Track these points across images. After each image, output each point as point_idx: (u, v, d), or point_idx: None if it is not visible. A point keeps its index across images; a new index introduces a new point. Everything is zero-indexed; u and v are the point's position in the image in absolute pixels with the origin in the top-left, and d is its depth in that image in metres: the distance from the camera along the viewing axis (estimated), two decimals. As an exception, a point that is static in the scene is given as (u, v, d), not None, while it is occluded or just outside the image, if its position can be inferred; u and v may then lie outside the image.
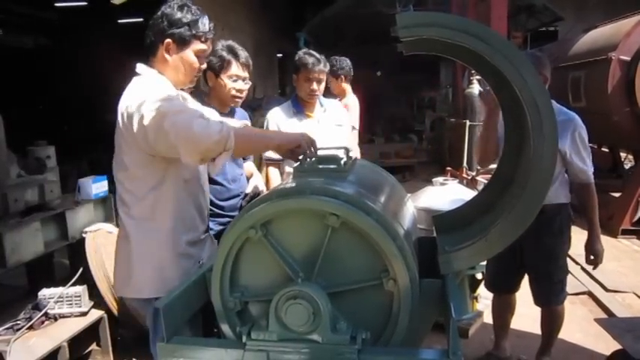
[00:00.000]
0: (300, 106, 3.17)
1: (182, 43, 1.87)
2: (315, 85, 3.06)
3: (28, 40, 16.50)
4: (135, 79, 1.91)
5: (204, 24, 1.90)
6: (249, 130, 1.98)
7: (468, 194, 3.44)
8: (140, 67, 1.93)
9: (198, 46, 1.90)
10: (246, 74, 2.61)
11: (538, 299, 2.90)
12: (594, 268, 2.87)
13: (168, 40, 1.86)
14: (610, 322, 2.65)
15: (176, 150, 1.73)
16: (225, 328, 1.62)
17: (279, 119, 3.14)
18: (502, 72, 1.54)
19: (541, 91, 1.51)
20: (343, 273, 1.54)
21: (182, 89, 2.01)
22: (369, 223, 1.46)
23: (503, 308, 3.12)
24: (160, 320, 1.50)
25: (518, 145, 1.94)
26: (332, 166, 1.78)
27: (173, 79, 1.91)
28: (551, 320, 2.90)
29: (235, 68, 2.55)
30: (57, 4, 13.84)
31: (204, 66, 2.04)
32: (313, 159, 1.87)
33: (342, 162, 1.79)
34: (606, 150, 8.27)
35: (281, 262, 1.54)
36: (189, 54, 1.89)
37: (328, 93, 3.78)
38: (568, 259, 2.95)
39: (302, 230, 1.55)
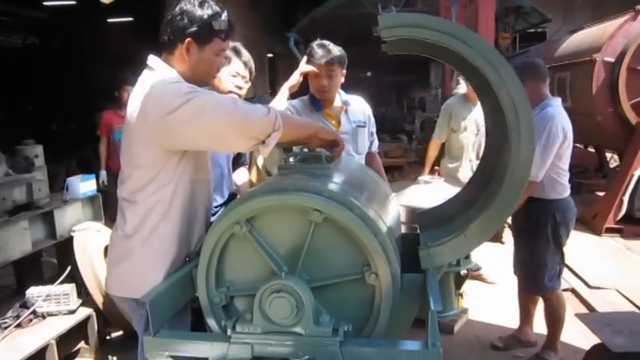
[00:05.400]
0: (318, 104, 2.85)
1: (203, 42, 1.78)
2: (324, 81, 2.73)
3: (16, 39, 16.40)
4: (147, 72, 1.81)
5: (225, 21, 1.81)
6: (289, 113, 1.87)
7: (452, 192, 3.49)
8: (153, 60, 1.83)
9: (218, 45, 1.82)
10: (247, 74, 2.53)
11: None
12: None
13: (189, 39, 1.76)
14: (590, 317, 2.71)
15: (219, 139, 1.67)
16: (211, 322, 1.65)
17: (299, 110, 2.82)
18: (481, 72, 1.58)
19: (519, 91, 1.56)
20: (326, 267, 1.57)
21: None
22: (351, 219, 1.50)
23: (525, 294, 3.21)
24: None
25: (499, 143, 1.99)
26: (316, 164, 1.82)
27: (190, 78, 1.80)
28: (548, 310, 2.98)
29: (237, 65, 2.48)
30: (46, 3, 13.76)
31: (223, 66, 1.96)
32: (298, 157, 1.91)
33: (326, 160, 1.82)
34: (592, 150, 8.39)
35: (265, 257, 1.57)
36: (209, 54, 1.81)
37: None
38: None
39: (286, 226, 1.58)
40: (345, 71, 2.81)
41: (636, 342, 2.23)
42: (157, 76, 1.77)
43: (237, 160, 2.84)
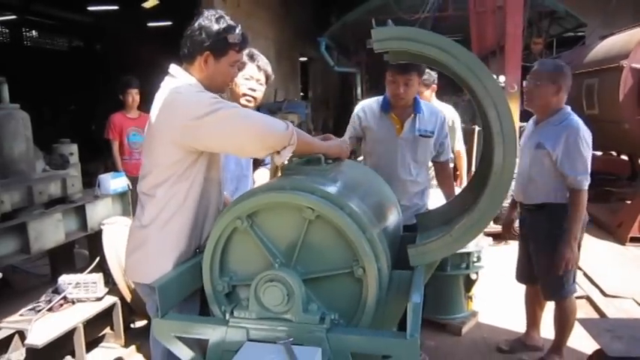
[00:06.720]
0: (388, 105, 2.95)
1: (219, 54, 1.96)
2: (401, 89, 2.81)
3: (62, 42, 17.22)
4: (168, 79, 1.99)
5: (239, 34, 1.99)
6: (304, 132, 2.09)
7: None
8: (174, 69, 2.02)
9: (233, 56, 2.01)
10: (261, 77, 2.66)
11: (542, 293, 3.07)
12: (560, 273, 2.86)
13: (207, 52, 1.95)
14: (591, 323, 2.73)
15: (239, 147, 1.91)
16: (214, 308, 1.81)
17: (367, 112, 3.01)
18: (466, 81, 1.69)
19: (500, 97, 1.66)
20: (319, 261, 1.71)
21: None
22: (340, 217, 1.63)
23: (532, 299, 3.25)
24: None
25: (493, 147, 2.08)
26: (316, 166, 1.96)
27: (208, 86, 1.99)
28: (560, 315, 2.99)
29: (251, 69, 2.61)
30: (90, 8, 14.38)
31: (238, 74, 2.17)
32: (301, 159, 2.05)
33: (325, 162, 1.96)
34: (625, 158, 8.19)
35: (264, 250, 1.71)
36: (225, 65, 1.99)
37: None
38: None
39: (284, 222, 1.72)
40: (421, 79, 2.88)
41: (635, 347, 2.24)
42: (179, 82, 1.97)
43: (258, 160, 2.98)
